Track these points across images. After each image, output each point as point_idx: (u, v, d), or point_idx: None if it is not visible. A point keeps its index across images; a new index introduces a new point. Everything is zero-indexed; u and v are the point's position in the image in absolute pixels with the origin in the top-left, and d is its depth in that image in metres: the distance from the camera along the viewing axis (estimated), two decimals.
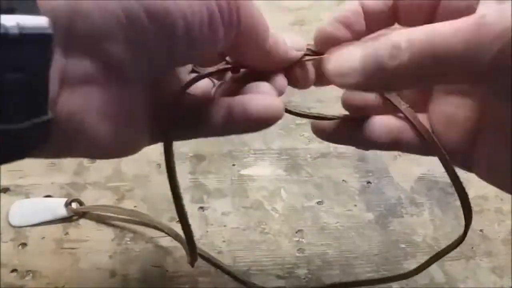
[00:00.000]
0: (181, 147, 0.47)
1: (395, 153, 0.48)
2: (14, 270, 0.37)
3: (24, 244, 0.39)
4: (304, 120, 0.50)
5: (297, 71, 0.25)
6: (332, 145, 0.48)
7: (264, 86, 0.24)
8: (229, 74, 0.27)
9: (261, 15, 0.21)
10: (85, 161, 0.44)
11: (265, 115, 0.22)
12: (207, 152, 0.47)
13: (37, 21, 0.16)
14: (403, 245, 0.41)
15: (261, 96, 0.23)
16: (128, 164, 0.45)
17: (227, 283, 0.38)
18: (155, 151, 0.46)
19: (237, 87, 0.25)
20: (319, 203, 0.44)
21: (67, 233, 0.40)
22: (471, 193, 0.28)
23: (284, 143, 0.48)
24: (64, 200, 0.40)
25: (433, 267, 0.40)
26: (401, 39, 0.20)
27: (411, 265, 0.40)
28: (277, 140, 0.48)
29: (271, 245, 0.40)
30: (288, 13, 0.64)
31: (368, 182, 0.45)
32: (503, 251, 0.41)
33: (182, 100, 0.23)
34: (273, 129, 0.49)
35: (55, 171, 0.44)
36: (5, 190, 0.42)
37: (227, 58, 0.25)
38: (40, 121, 0.16)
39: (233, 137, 0.48)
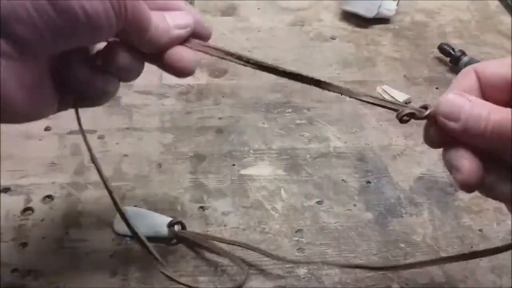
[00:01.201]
0: (181, 147, 0.47)
1: (395, 153, 0.48)
2: (14, 270, 0.37)
3: (24, 244, 0.39)
4: (304, 120, 0.51)
5: (172, 52, 0.28)
6: (331, 144, 0.48)
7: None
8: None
9: (144, 6, 0.26)
10: (86, 161, 0.45)
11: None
12: (207, 152, 0.47)
13: None
14: (402, 245, 0.41)
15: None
16: (129, 164, 0.45)
17: (227, 283, 0.38)
18: (155, 151, 0.46)
19: None
20: (318, 203, 0.44)
21: (67, 233, 0.40)
22: (471, 193, 0.28)
23: (284, 143, 0.48)
24: (168, 219, 0.39)
25: (433, 267, 0.40)
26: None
27: None
28: (277, 140, 0.49)
29: (271, 245, 0.40)
30: (288, 13, 0.64)
31: (368, 182, 0.46)
32: None
33: (85, 75, 0.28)
34: (273, 129, 0.49)
35: (56, 171, 0.44)
36: (5, 190, 0.42)
37: None
38: None
39: (233, 137, 0.48)
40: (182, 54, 0.29)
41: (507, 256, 0.41)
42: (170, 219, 0.39)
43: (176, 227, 0.39)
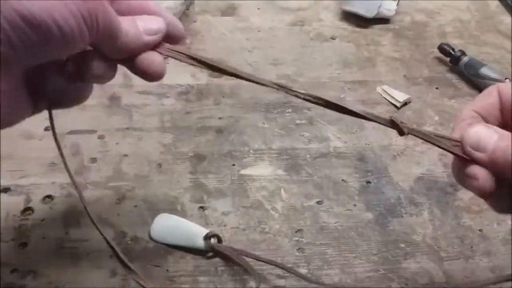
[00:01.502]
0: (181, 147, 0.47)
1: (395, 153, 0.48)
2: (14, 270, 0.37)
3: (24, 244, 0.39)
4: (304, 120, 0.51)
5: (143, 57, 0.28)
6: (331, 144, 0.48)
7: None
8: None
9: (114, 15, 0.26)
10: (86, 161, 0.44)
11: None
12: (207, 152, 0.47)
13: None
14: (402, 245, 0.41)
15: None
16: (129, 164, 0.45)
17: (227, 283, 0.38)
18: (155, 151, 0.46)
19: None
20: (318, 202, 0.44)
21: (67, 233, 0.40)
22: (471, 193, 0.28)
23: (284, 143, 0.48)
24: (205, 231, 0.39)
25: (433, 267, 0.40)
26: None
27: (411, 264, 0.40)
28: (277, 140, 0.49)
29: (271, 245, 0.40)
30: (288, 13, 0.64)
31: (368, 182, 0.46)
32: (502, 251, 0.41)
33: (57, 82, 0.29)
34: (273, 129, 0.49)
35: (56, 171, 0.44)
36: (5, 190, 0.42)
37: None
38: None
39: (233, 137, 0.48)
40: (153, 58, 0.29)
41: (506, 256, 0.41)
42: (207, 230, 0.39)
43: (213, 240, 0.39)
